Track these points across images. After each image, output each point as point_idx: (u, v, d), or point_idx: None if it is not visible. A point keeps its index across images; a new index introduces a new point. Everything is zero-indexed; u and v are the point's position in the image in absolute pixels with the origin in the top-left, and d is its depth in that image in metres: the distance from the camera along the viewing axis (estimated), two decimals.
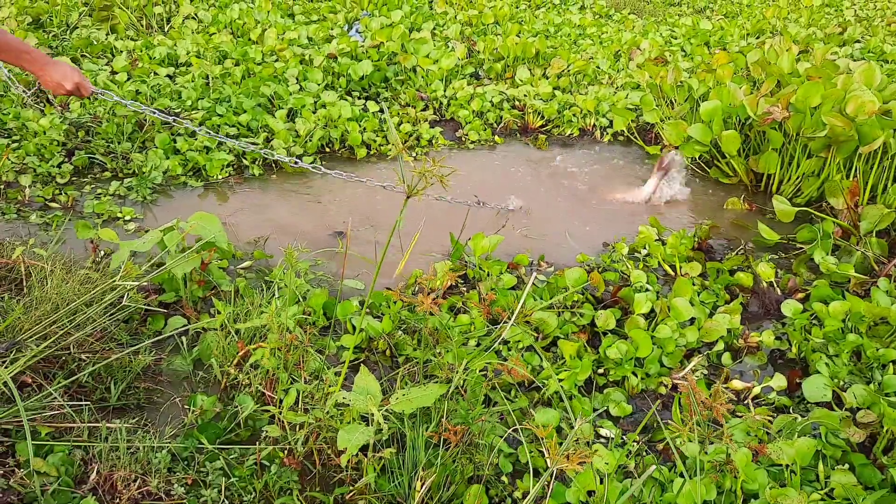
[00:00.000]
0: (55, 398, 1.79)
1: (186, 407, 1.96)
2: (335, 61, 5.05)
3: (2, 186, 3.21)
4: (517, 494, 1.76)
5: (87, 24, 5.74)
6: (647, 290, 2.59)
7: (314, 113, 4.15)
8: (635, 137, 4.43)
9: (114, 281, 2.11)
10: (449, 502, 1.69)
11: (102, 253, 2.61)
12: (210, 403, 1.92)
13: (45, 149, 3.50)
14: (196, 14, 6.27)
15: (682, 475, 1.68)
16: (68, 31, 5.58)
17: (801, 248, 3.14)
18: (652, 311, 2.48)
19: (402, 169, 1.60)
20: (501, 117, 4.64)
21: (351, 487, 1.68)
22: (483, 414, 1.80)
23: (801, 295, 2.70)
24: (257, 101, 4.25)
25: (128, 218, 3.13)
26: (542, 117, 4.64)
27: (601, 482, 1.71)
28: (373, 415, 1.62)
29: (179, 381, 2.11)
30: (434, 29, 6.59)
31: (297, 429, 1.76)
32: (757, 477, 1.70)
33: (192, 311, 2.36)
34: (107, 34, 5.66)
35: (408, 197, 1.59)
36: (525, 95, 4.82)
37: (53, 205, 3.18)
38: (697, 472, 1.72)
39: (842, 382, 2.16)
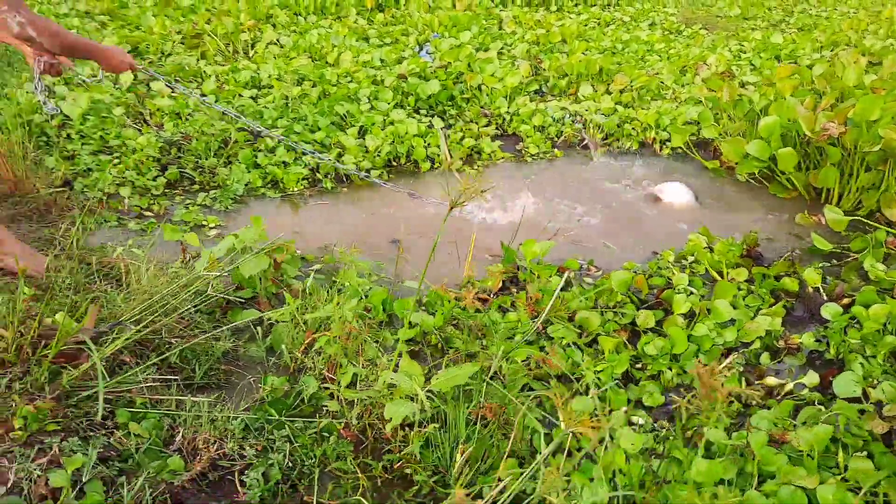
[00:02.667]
0: (149, 375, 2.07)
1: (259, 385, 2.22)
2: (405, 81, 5.33)
3: (105, 197, 3.60)
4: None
5: (180, 52, 6.23)
6: (691, 292, 2.71)
7: (383, 130, 4.43)
8: (693, 152, 4.51)
9: (199, 274, 2.40)
10: (486, 473, 1.88)
11: (188, 257, 2.92)
12: (280, 383, 2.18)
13: (142, 164, 3.89)
14: (278, 39, 6.71)
15: (704, 457, 1.81)
16: (163, 58, 6.07)
17: (855, 256, 3.18)
18: (692, 311, 2.60)
19: (448, 184, 1.81)
20: (562, 132, 4.81)
21: (398, 455, 1.89)
22: (519, 397, 1.98)
23: (846, 301, 2.76)
24: (331, 119, 4.57)
25: (211, 225, 3.46)
26: (602, 131, 4.78)
27: (627, 461, 1.86)
28: (416, 394, 1.83)
29: (254, 364, 2.38)
30: (502, 48, 6.82)
31: (353, 405, 1.99)
32: (776, 461, 1.81)
33: (266, 305, 2.63)
34: (197, 60, 6.12)
35: (451, 208, 1.80)
36: (586, 110, 4.98)
37: (148, 213, 3.54)
38: (718, 455, 1.85)
39: (875, 381, 2.24)
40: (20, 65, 5.50)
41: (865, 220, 3.35)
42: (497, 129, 4.91)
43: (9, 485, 1.56)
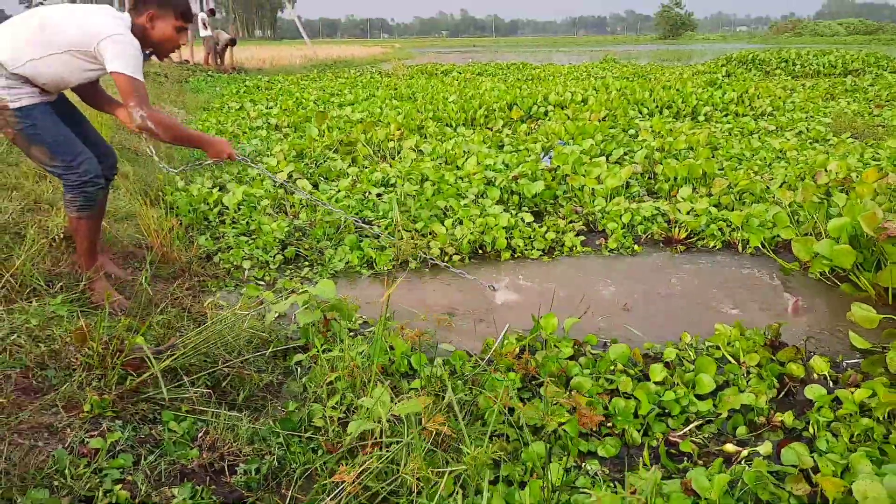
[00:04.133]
0: (198, 392, 2.68)
1: (283, 409, 2.74)
2: (516, 182, 5.88)
3: (232, 268, 4.43)
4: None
5: (335, 158, 7.28)
6: (679, 364, 2.90)
7: (473, 222, 4.97)
8: (769, 251, 4.57)
9: (258, 329, 3.03)
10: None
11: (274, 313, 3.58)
12: (295, 406, 2.69)
13: (267, 245, 4.72)
14: (419, 147, 7.60)
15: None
16: (322, 161, 7.14)
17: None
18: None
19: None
20: (648, 229, 5.07)
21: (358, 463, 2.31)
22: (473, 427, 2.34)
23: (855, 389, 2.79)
24: (434, 211, 5.20)
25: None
26: (686, 229, 4.98)
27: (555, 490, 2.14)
28: (380, 416, 2.26)
29: (294, 397, 2.91)
30: (624, 154, 7.21)
31: (335, 421, 2.45)
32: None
33: (316, 353, 3.19)
34: (348, 164, 7.12)
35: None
36: (679, 211, 5.21)
37: (260, 283, 4.30)
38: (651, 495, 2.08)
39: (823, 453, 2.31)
40: (206, 168, 6.74)
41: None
42: (587, 225, 5.27)
43: (66, 444, 2.19)
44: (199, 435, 2.46)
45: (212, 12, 20.85)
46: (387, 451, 2.27)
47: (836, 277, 4.13)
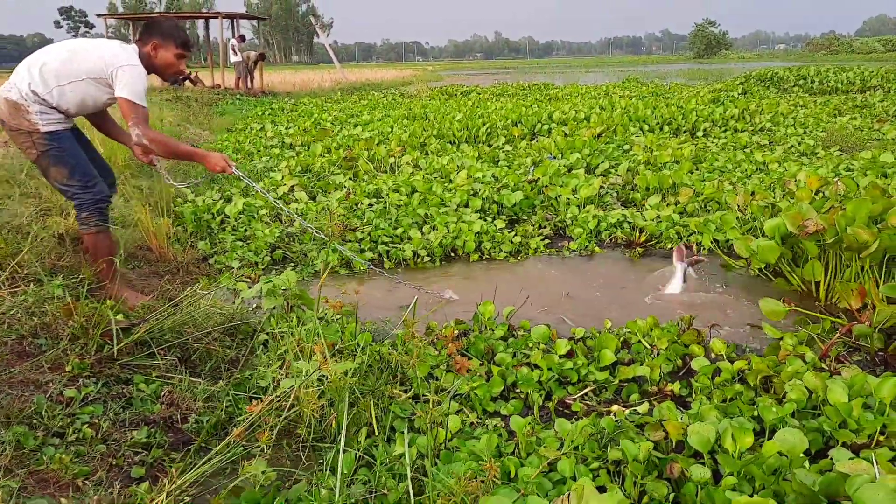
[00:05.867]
0: (168, 361, 3.14)
1: (238, 376, 3.19)
2: (499, 193, 6.30)
3: (224, 268, 4.91)
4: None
5: (337, 172, 7.78)
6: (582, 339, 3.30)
7: (448, 228, 5.39)
8: (718, 251, 4.91)
9: (227, 312, 3.48)
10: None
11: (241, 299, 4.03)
12: (248, 373, 3.13)
13: (259, 248, 5.20)
14: (416, 162, 8.07)
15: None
16: (325, 176, 7.64)
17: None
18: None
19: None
20: (613, 234, 5.43)
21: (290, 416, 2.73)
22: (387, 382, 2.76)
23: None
24: (414, 219, 5.64)
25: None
26: (645, 233, 5.33)
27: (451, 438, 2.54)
28: (310, 374, 2.69)
29: (252, 369, 3.35)
30: (609, 168, 7.58)
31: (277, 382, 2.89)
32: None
33: (277, 336, 3.63)
34: (349, 178, 7.61)
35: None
36: (640, 216, 5.56)
37: (247, 280, 4.77)
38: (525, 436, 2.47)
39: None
40: (219, 181, 7.29)
41: (804, 311, 3.64)
42: (557, 231, 5.66)
43: (47, 394, 2.65)
44: (163, 394, 2.91)
45: (241, 38, 21.75)
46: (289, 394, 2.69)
47: (772, 274, 4.46)
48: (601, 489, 2.16)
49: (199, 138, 11.10)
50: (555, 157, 7.92)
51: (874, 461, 2.04)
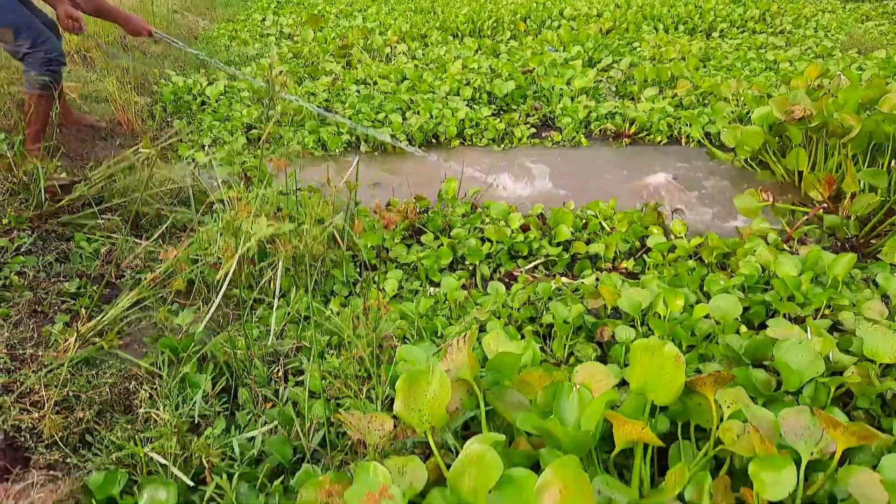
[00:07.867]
0: (110, 219, 3.07)
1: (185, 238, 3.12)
2: (491, 83, 6.05)
3: (201, 146, 4.80)
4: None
5: (330, 60, 7.52)
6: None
7: (431, 114, 5.20)
8: (706, 142, 4.71)
9: (180, 174, 3.39)
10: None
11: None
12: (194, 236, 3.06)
13: (234, 127, 5.06)
14: (414, 53, 7.78)
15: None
16: (315, 63, 7.39)
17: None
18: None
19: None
20: (602, 125, 5.23)
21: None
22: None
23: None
24: (398, 104, 5.45)
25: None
26: (635, 125, 5.12)
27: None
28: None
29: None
30: (612, 62, 7.26)
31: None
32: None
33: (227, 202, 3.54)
34: (342, 66, 7.35)
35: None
36: (632, 108, 5.33)
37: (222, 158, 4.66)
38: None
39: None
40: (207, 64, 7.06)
41: (782, 206, 3.49)
42: (546, 121, 5.46)
43: None
44: (104, 251, 2.86)
45: None
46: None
47: (758, 165, 4.28)
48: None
49: (197, 27, 10.78)
50: (556, 50, 7.58)
51: (807, 328, 1.95)
